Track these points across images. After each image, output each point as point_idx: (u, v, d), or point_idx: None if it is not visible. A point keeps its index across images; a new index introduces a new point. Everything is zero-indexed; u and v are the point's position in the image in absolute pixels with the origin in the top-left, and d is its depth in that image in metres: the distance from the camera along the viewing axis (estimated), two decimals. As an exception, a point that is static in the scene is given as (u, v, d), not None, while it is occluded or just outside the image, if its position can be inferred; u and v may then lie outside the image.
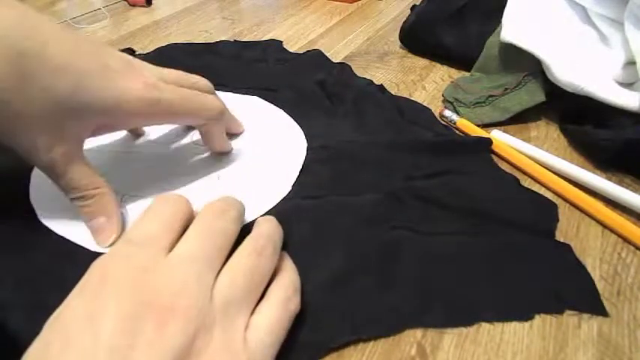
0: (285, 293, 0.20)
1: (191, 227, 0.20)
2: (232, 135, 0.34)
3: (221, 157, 0.32)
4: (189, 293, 0.17)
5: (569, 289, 0.23)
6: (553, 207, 0.28)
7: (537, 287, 0.23)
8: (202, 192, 0.29)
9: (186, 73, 0.29)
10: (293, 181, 0.30)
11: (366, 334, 0.21)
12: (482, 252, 0.25)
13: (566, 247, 0.26)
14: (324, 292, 0.23)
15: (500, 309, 0.23)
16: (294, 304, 0.20)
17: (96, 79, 0.23)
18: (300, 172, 0.31)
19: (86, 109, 0.23)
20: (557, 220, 0.28)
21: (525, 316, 0.22)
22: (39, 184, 0.29)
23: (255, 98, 0.39)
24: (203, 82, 0.30)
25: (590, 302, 0.23)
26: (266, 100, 0.39)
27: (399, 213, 0.27)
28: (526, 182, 0.31)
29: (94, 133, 0.25)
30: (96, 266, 0.18)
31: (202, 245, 0.19)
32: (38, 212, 0.27)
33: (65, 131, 0.23)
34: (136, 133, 0.34)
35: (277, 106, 0.38)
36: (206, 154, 0.32)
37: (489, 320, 0.22)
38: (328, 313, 0.22)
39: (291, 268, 0.22)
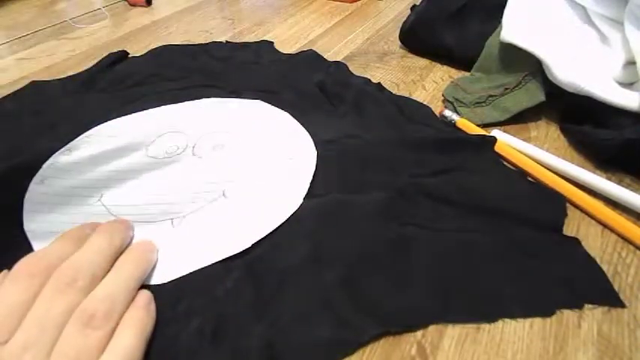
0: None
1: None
2: (239, 145, 0.34)
3: (227, 170, 0.31)
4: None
5: (584, 283, 0.24)
6: (560, 199, 0.28)
7: (553, 282, 0.23)
8: (209, 213, 0.28)
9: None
10: (304, 194, 0.29)
11: (394, 327, 0.21)
12: (493, 248, 0.25)
13: (575, 242, 0.26)
14: (341, 290, 0.23)
15: (523, 304, 0.23)
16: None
17: None
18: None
19: None
20: (565, 214, 0.28)
21: (548, 311, 0.22)
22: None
23: (259, 102, 0.39)
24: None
25: (605, 295, 0.23)
26: (269, 103, 0.39)
27: (407, 210, 0.27)
28: (526, 182, 0.31)
29: None
30: None
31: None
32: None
33: None
34: None
35: (281, 108, 0.38)
36: (210, 167, 0.32)
37: (513, 316, 0.22)
38: (352, 310, 0.22)
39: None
